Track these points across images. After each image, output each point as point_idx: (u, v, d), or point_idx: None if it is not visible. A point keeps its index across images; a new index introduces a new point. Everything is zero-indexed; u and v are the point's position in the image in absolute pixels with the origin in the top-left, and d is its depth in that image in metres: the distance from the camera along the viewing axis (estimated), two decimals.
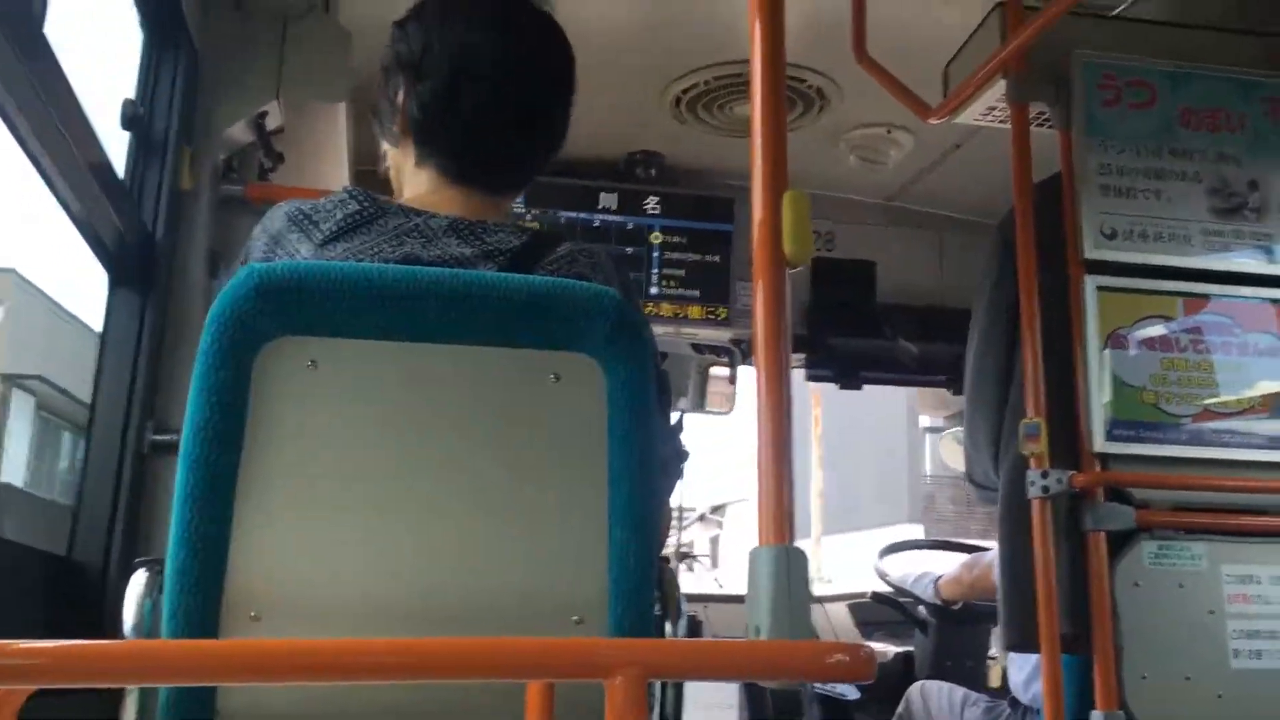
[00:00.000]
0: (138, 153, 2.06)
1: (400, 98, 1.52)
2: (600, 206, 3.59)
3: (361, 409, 1.24)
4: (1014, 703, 2.77)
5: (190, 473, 1.18)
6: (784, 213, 1.20)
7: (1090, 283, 2.24)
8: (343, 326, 1.22)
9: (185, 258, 2.10)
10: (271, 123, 2.27)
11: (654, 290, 3.60)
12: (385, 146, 1.61)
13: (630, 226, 3.59)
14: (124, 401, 1.92)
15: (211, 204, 2.18)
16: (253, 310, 1.19)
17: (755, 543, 1.05)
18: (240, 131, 2.24)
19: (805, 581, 1.10)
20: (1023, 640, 2.19)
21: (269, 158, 2.34)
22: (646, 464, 1.30)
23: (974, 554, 3.34)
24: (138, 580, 1.26)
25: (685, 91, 3.17)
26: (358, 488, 1.23)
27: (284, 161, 2.40)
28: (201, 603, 1.17)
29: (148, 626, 1.24)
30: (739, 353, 3.82)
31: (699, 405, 3.99)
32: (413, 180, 1.54)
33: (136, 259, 1.97)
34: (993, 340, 2.34)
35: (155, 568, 1.27)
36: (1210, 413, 2.26)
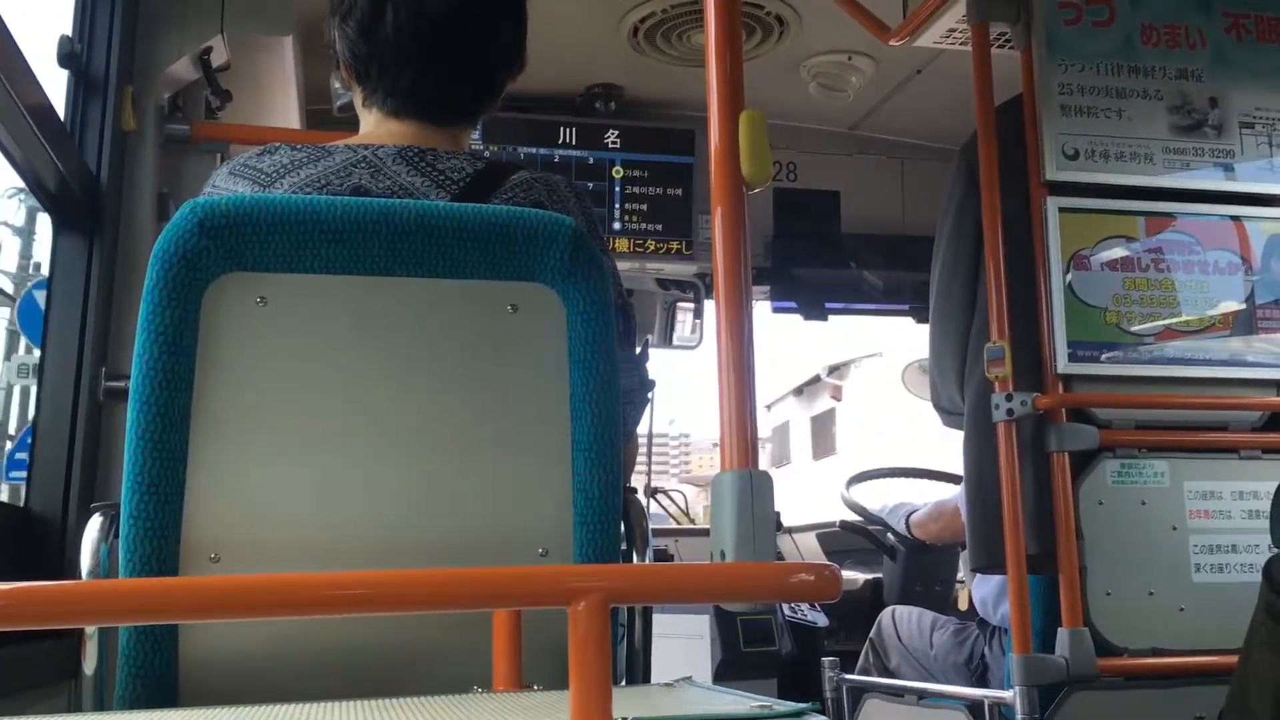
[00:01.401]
0: (77, 92, 1.99)
1: (336, 40, 1.47)
2: (560, 141, 3.55)
3: (314, 345, 1.21)
4: (982, 624, 2.81)
5: (141, 414, 1.15)
6: (740, 133, 1.17)
7: (1052, 204, 2.24)
8: (291, 261, 1.19)
9: (132, 200, 2.04)
10: (216, 59, 2.20)
11: (616, 225, 3.56)
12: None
13: (591, 161, 3.55)
14: (75, 348, 1.88)
15: (157, 144, 2.12)
16: (197, 246, 1.16)
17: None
18: (184, 69, 2.17)
19: (770, 505, 1.09)
20: (990, 562, 2.21)
21: (215, 96, 2.28)
22: (608, 394, 1.28)
23: (941, 500, 3.34)
24: (93, 525, 1.24)
25: (643, 21, 3.11)
26: (314, 425, 1.21)
27: (231, 100, 2.33)
28: (159, 546, 1.15)
29: (105, 571, 1.22)
30: (704, 287, 3.80)
31: (666, 340, 3.98)
32: (363, 123, 1.50)
33: (81, 202, 1.91)
34: (958, 266, 2.34)
35: (111, 512, 1.25)
36: (1172, 331, 2.27)
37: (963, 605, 3.10)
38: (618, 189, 3.57)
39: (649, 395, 1.57)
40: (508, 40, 1.50)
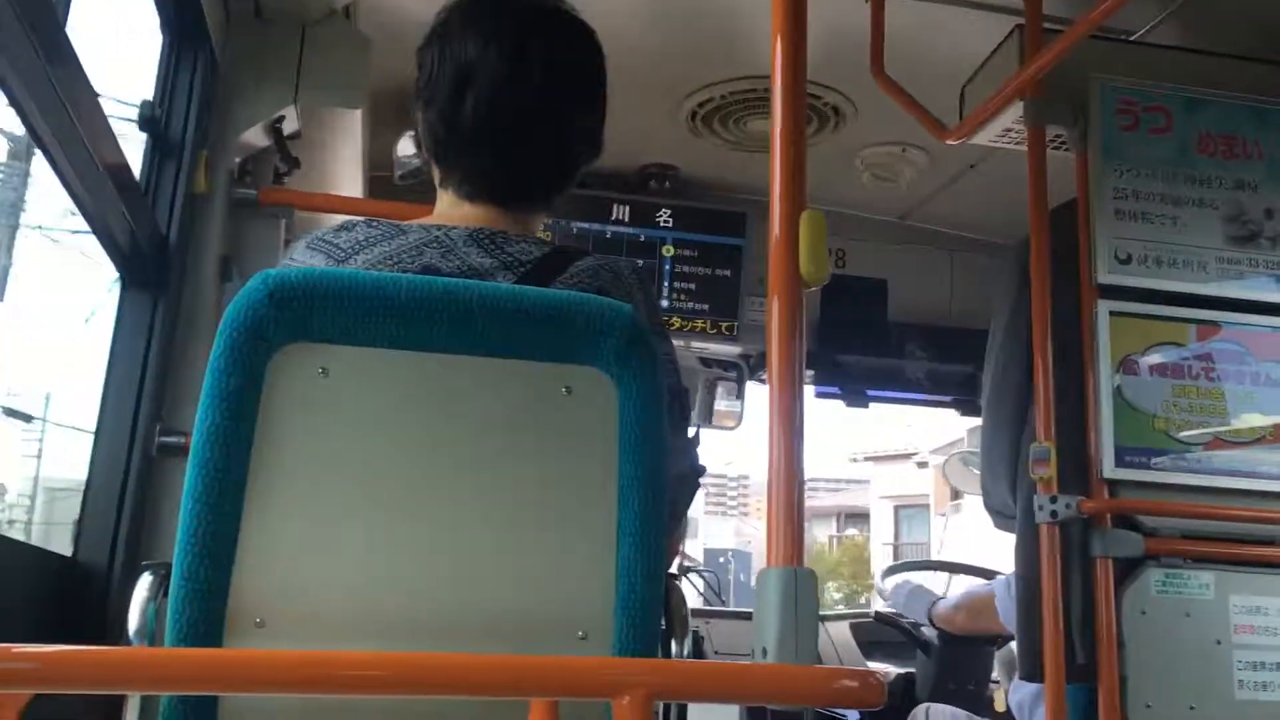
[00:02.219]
0: (154, 155, 2.06)
1: (419, 121, 1.51)
2: (613, 218, 3.59)
3: (372, 417, 1.23)
4: None
5: (199, 476, 1.17)
6: (801, 232, 1.19)
7: (1103, 307, 2.24)
8: (355, 334, 1.22)
9: (197, 261, 2.10)
10: (288, 128, 2.27)
11: (665, 303, 3.59)
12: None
13: (642, 238, 3.59)
14: (133, 403, 1.92)
15: (225, 208, 2.18)
16: (266, 316, 1.19)
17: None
18: (256, 136, 2.24)
19: (814, 604, 1.09)
20: (1040, 670, 2.16)
21: (284, 162, 2.35)
22: (656, 480, 1.29)
23: (972, 589, 3.30)
24: (143, 584, 1.26)
25: (701, 105, 3.17)
26: (366, 497, 1.22)
27: (299, 166, 2.40)
28: (206, 608, 1.17)
29: (151, 630, 1.23)
30: (746, 368, 3.81)
31: (706, 420, 3.98)
32: (439, 203, 1.54)
33: (149, 261, 1.97)
34: (1011, 366, 2.33)
35: (161, 571, 1.26)
36: (1221, 441, 2.25)
37: (999, 707, 3.04)
38: (667, 267, 3.60)
39: (699, 481, 1.57)
40: (584, 130, 1.54)
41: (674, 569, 1.60)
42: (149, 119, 2.02)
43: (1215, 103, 2.37)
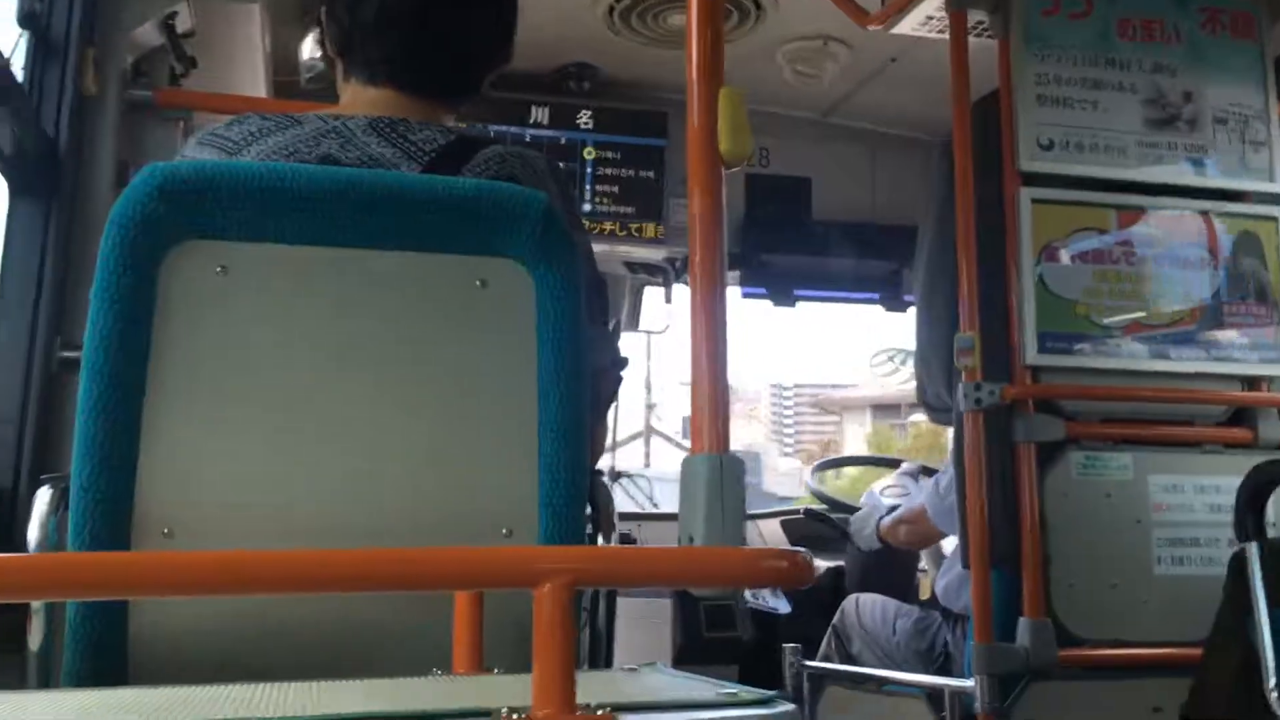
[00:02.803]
0: (36, 53, 1.93)
1: (322, 14, 1.44)
2: (532, 120, 3.51)
3: (276, 317, 1.18)
4: (945, 613, 2.82)
5: (93, 384, 1.11)
6: (720, 109, 1.15)
7: (1025, 195, 2.24)
8: (254, 230, 1.16)
9: (91, 166, 1.99)
10: (182, 24, 2.15)
11: (587, 207, 3.53)
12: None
13: (563, 141, 3.52)
14: (29, 316, 1.83)
15: (118, 110, 2.06)
16: (156, 212, 1.12)
17: None
18: (148, 33, 2.12)
19: (741, 490, 1.07)
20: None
21: (180, 62, 2.22)
22: (577, 373, 1.25)
23: (910, 505, 3.24)
24: (42, 497, 1.20)
25: (619, 1, 3.07)
26: (273, 399, 1.17)
27: (196, 67, 2.28)
28: (110, 520, 1.12)
29: (53, 545, 1.18)
30: (673, 271, 3.78)
31: (633, 324, 3.96)
32: (342, 97, 1.47)
33: (38, 167, 1.86)
34: (944, 262, 2.32)
35: (62, 484, 1.21)
36: (1140, 325, 2.28)
37: (925, 594, 3.10)
38: (589, 170, 3.53)
39: (620, 374, 1.55)
40: (494, 17, 1.48)
41: (603, 469, 1.57)
42: (29, 14, 1.90)
43: None
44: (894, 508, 3.24)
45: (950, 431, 2.38)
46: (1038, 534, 2.13)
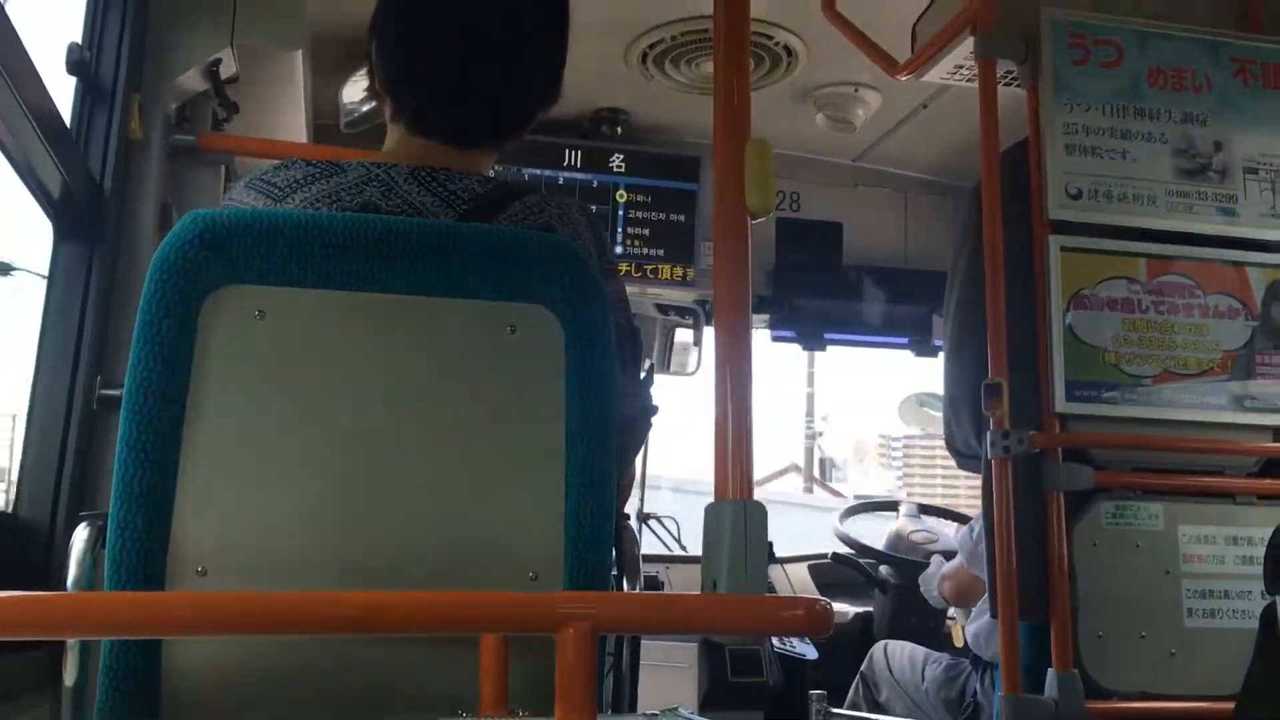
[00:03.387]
0: (84, 100, 1.99)
1: (372, 51, 1.47)
2: (565, 164, 3.55)
3: (311, 360, 1.20)
4: (975, 660, 2.80)
5: (132, 425, 1.14)
6: (746, 161, 1.17)
7: (1054, 243, 2.24)
8: (291, 275, 1.19)
9: (135, 209, 2.04)
10: (225, 71, 2.21)
11: (619, 249, 3.56)
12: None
13: (595, 184, 3.56)
14: (71, 356, 1.87)
15: (162, 154, 2.12)
16: (197, 257, 1.16)
17: None
18: (192, 80, 2.17)
19: (763, 536, 1.08)
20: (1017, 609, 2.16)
21: (223, 107, 2.28)
22: (605, 420, 1.27)
23: (954, 561, 3.18)
24: (80, 535, 1.23)
25: (652, 47, 3.12)
26: (307, 441, 1.20)
27: (239, 112, 2.33)
28: (145, 558, 1.14)
29: (89, 582, 1.21)
30: (703, 313, 3.80)
31: (663, 366, 3.98)
32: (388, 139, 1.49)
33: (83, 210, 1.91)
34: (972, 307, 2.32)
35: (99, 522, 1.24)
36: (1170, 374, 2.27)
37: (957, 642, 3.07)
38: (621, 213, 3.57)
39: (651, 421, 1.56)
40: (543, 66, 1.49)
41: (630, 513, 1.59)
42: (78, 62, 1.95)
43: (1165, 36, 2.36)
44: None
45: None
46: (1066, 584, 2.11)
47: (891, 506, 3.93)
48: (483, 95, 1.45)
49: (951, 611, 3.36)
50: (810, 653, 3.34)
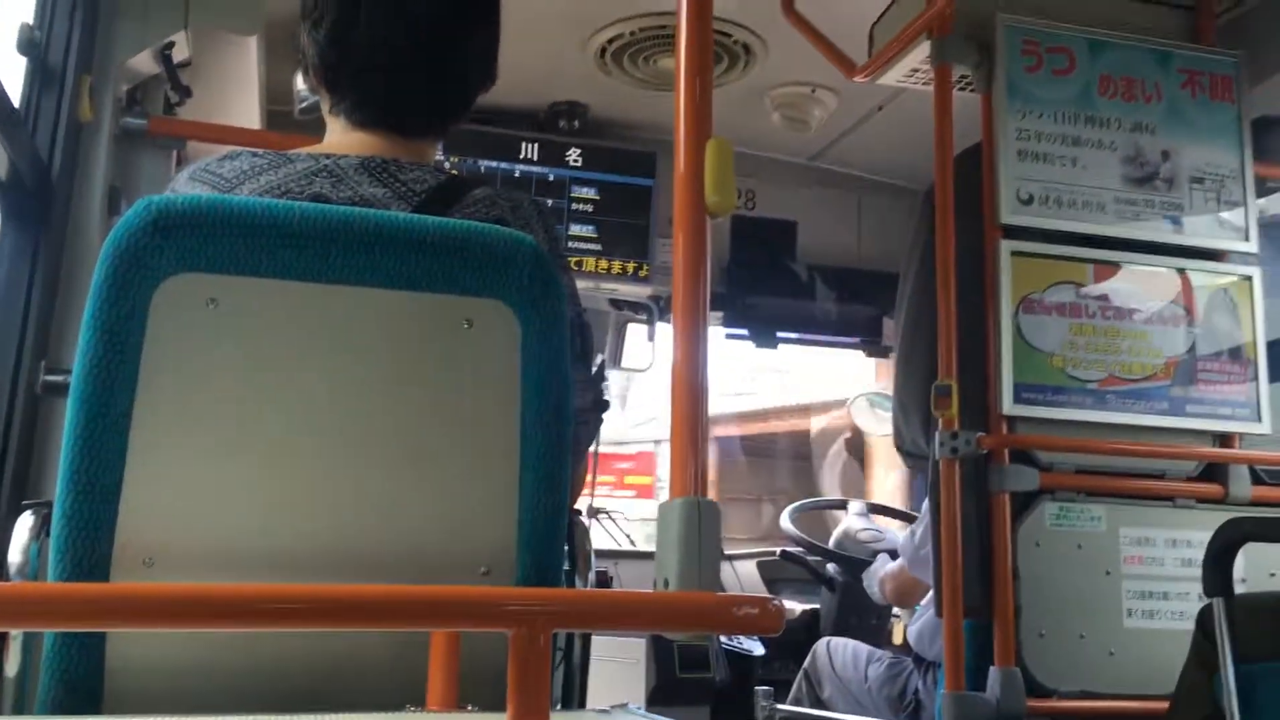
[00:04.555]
0: (34, 80, 1.95)
1: (306, 45, 1.45)
2: (522, 156, 3.54)
3: (264, 351, 1.19)
4: (917, 659, 2.83)
5: (80, 412, 1.12)
6: (707, 160, 1.17)
7: (1005, 247, 2.27)
8: (245, 264, 1.17)
9: (83, 193, 2.01)
10: (178, 54, 2.18)
11: (573, 244, 3.56)
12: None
13: (551, 178, 3.55)
14: (15, 340, 1.84)
15: (112, 137, 2.08)
16: (149, 244, 1.14)
17: None
18: (144, 62, 2.14)
19: (716, 535, 1.09)
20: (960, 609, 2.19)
21: (175, 91, 2.25)
22: (560, 415, 1.27)
23: (896, 563, 3.21)
24: (23, 523, 1.21)
25: (610, 42, 3.12)
26: (258, 432, 1.19)
27: (191, 96, 2.30)
28: (91, 548, 1.12)
29: (34, 571, 1.19)
30: (657, 309, 3.81)
31: (616, 361, 3.98)
32: (329, 132, 1.48)
33: (30, 192, 1.88)
34: (923, 309, 2.35)
35: (44, 511, 1.22)
36: (1115, 379, 2.31)
37: (898, 640, 3.11)
38: (576, 207, 3.57)
39: (601, 416, 1.56)
40: (479, 54, 1.48)
41: (581, 508, 1.59)
42: (28, 42, 1.92)
43: (1117, 45, 2.40)
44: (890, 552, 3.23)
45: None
46: (1010, 583, 2.15)
47: (840, 505, 3.97)
48: (420, 85, 1.44)
49: (895, 610, 3.40)
50: (757, 649, 3.37)
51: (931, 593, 2.35)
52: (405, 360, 1.23)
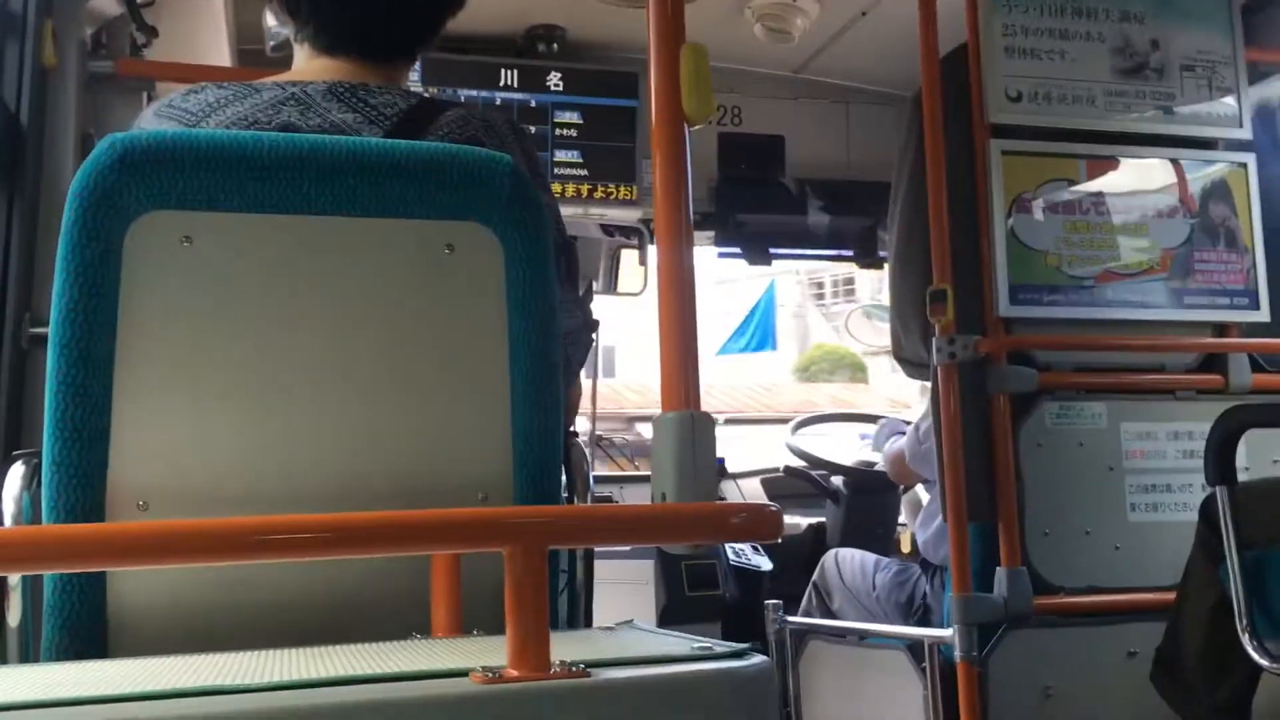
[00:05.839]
0: None
1: None
2: (501, 83, 3.48)
3: (243, 286, 1.17)
4: (925, 564, 2.85)
5: (61, 359, 1.11)
6: (681, 67, 1.14)
7: (995, 147, 2.24)
8: (217, 199, 1.15)
9: (54, 139, 1.97)
10: None
11: (559, 170, 3.51)
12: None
13: (532, 104, 3.49)
14: None
15: (80, 82, 2.04)
16: (117, 183, 1.11)
17: None
18: (107, 3, 2.09)
19: (711, 447, 1.08)
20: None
21: (141, 32, 2.20)
22: (548, 337, 1.26)
23: (894, 441, 3.26)
24: (14, 473, 1.20)
25: None
26: (245, 369, 1.17)
27: (158, 36, 2.25)
28: (83, 494, 1.12)
29: (27, 519, 1.18)
30: (648, 233, 3.77)
31: (610, 286, 3.96)
32: (295, 60, 1.45)
33: (0, 142, 1.84)
34: (916, 216, 2.32)
35: (34, 460, 1.20)
36: (1111, 274, 2.29)
37: (905, 548, 3.13)
38: (560, 132, 3.51)
39: (593, 335, 1.55)
40: None
41: (579, 430, 1.58)
42: None
43: None
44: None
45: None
46: (1013, 485, 2.15)
47: (845, 418, 3.98)
48: (386, 7, 1.40)
49: (901, 518, 3.41)
50: (765, 564, 3.39)
51: (935, 498, 2.36)
52: (387, 288, 1.21)
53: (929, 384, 2.31)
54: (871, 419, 3.88)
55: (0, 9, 1.92)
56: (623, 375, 16.55)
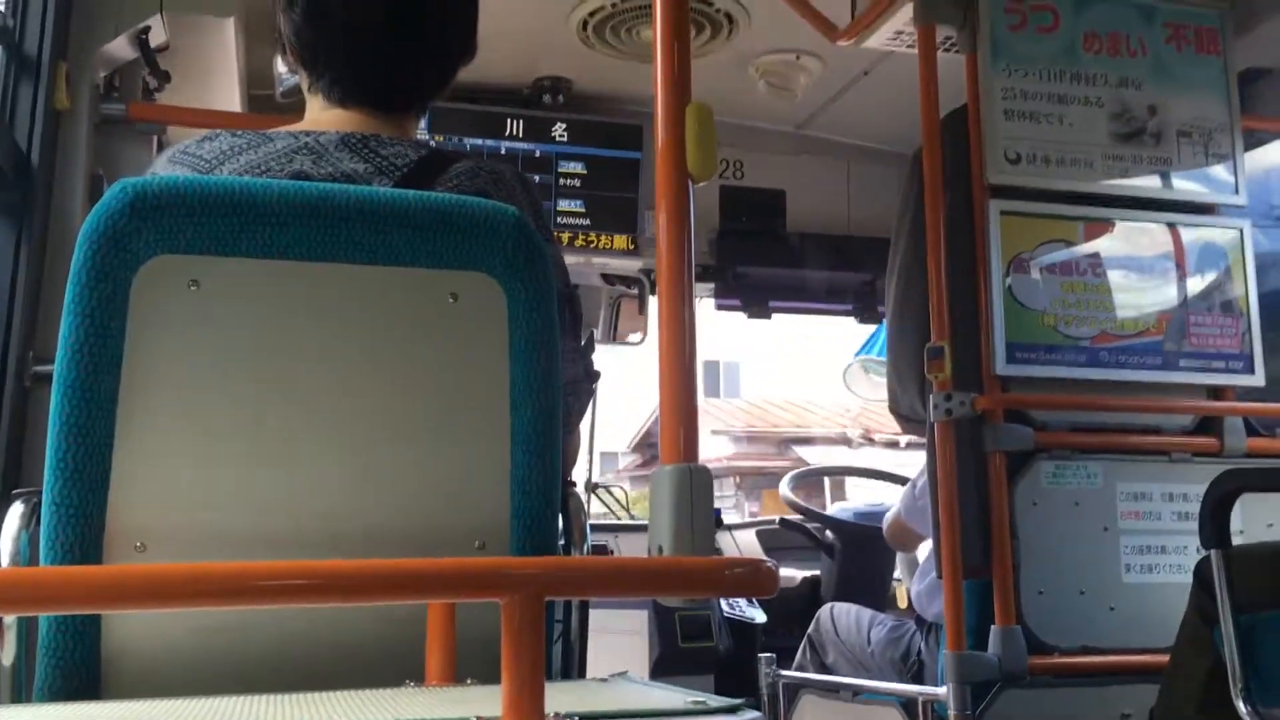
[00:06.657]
0: (9, 69, 1.93)
1: (282, 24, 1.43)
2: (507, 133, 3.52)
3: (248, 331, 1.18)
4: (919, 621, 2.84)
5: (65, 399, 1.12)
6: (687, 125, 1.17)
7: (994, 207, 2.26)
8: (226, 244, 1.16)
9: (64, 181, 1.99)
10: (155, 39, 2.15)
11: (562, 219, 3.54)
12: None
13: (538, 154, 3.53)
14: (1, 332, 1.83)
15: (92, 125, 2.06)
16: (127, 227, 1.13)
17: None
18: (121, 48, 2.12)
19: (709, 500, 1.09)
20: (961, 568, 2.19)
21: (154, 76, 2.23)
22: (550, 386, 1.27)
23: (894, 509, 3.24)
24: (14, 512, 1.20)
25: (592, 14, 3.10)
26: (246, 413, 1.18)
27: (170, 81, 2.28)
28: (82, 534, 1.12)
29: (25, 560, 1.18)
30: (649, 282, 3.80)
31: (611, 336, 3.98)
32: (308, 110, 1.47)
33: (11, 183, 1.86)
34: (915, 272, 2.34)
35: (34, 499, 1.21)
36: (1107, 335, 2.31)
37: (901, 603, 3.12)
38: (564, 182, 3.55)
39: (594, 387, 1.56)
40: (458, 28, 1.47)
41: (576, 480, 1.58)
42: (1, 29, 1.90)
43: (1101, 0, 2.38)
44: None
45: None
46: (1008, 543, 2.15)
47: (838, 472, 3.98)
48: (401, 60, 1.43)
49: (897, 573, 3.40)
50: (760, 617, 3.38)
51: (931, 553, 2.36)
52: (391, 336, 1.23)
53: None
54: (872, 474, 3.88)
55: (15, 51, 1.95)
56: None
